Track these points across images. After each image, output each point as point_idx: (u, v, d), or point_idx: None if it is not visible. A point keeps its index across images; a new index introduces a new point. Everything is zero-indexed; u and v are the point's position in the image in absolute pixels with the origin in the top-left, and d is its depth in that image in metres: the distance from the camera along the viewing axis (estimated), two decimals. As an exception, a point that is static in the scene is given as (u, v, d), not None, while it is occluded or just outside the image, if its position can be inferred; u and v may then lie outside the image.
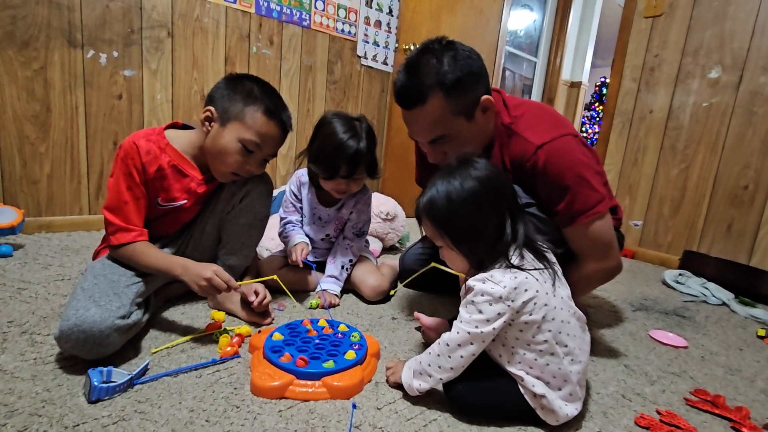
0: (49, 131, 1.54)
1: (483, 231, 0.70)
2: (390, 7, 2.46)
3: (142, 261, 0.90)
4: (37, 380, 0.71)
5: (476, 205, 0.70)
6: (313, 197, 1.27)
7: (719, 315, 1.44)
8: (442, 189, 0.71)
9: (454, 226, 0.71)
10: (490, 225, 0.70)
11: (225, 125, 0.95)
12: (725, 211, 1.89)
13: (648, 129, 2.17)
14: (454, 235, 0.72)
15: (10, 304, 0.97)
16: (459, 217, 0.70)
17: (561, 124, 0.95)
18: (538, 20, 3.71)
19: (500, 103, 0.99)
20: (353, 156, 1.09)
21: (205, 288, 0.85)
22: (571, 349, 0.69)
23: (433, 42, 0.90)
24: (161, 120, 1.77)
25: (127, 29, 1.63)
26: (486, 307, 0.66)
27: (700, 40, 1.97)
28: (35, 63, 1.48)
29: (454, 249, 0.73)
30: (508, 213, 0.71)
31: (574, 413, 0.69)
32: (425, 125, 0.92)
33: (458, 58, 0.87)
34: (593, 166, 0.92)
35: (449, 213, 0.71)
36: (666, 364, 1.01)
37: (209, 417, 0.66)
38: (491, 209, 0.70)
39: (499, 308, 0.66)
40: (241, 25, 1.92)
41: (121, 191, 0.91)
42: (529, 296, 0.66)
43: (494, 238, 0.70)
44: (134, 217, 0.92)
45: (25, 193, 1.53)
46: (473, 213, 0.70)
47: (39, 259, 1.28)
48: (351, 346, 0.85)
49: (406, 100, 0.91)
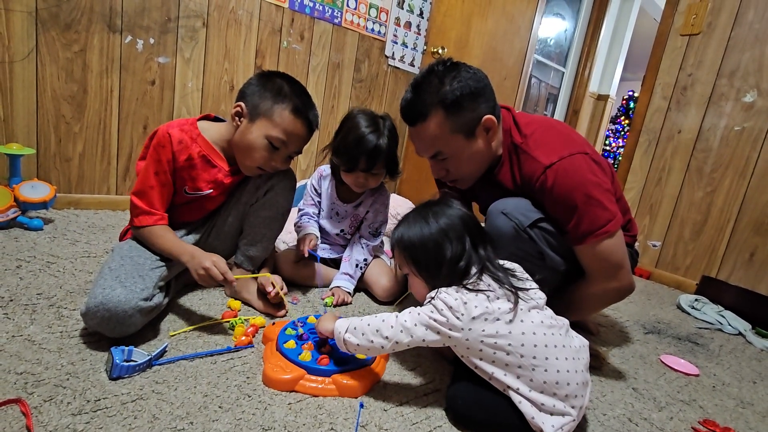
0: (84, 112, 1.60)
1: (442, 260, 0.75)
2: (421, 9, 2.46)
3: (157, 243, 0.93)
4: (62, 353, 0.74)
5: (440, 241, 0.76)
6: (333, 191, 1.31)
7: (734, 345, 1.41)
8: (414, 226, 0.79)
9: (420, 257, 0.78)
10: (451, 254, 0.75)
11: (254, 121, 0.98)
12: (749, 239, 1.85)
13: (675, 149, 2.13)
14: (421, 265, 0.78)
15: (40, 277, 1.02)
16: (424, 250, 0.77)
17: (571, 143, 0.94)
18: (570, 30, 3.66)
19: (510, 122, 1.01)
20: (373, 150, 1.13)
21: (203, 276, 0.88)
22: (540, 360, 0.68)
23: (439, 64, 0.94)
24: (190, 107, 1.81)
25: (165, 17, 1.68)
26: (438, 314, 0.70)
27: (737, 62, 1.92)
28: (76, 45, 1.53)
29: (418, 276, 0.79)
30: (470, 243, 0.76)
31: (558, 425, 0.67)
32: (426, 141, 0.97)
33: (459, 79, 0.91)
34: (603, 183, 0.91)
35: (415, 246, 0.78)
36: (676, 391, 1.00)
37: (222, 403, 0.68)
38: (455, 242, 0.76)
39: (449, 315, 0.69)
40: (274, 19, 1.95)
41: (149, 176, 0.94)
42: (479, 312, 0.69)
43: (454, 265, 0.75)
44: (157, 202, 0.96)
45: (57, 170, 1.59)
46: (436, 248, 0.76)
47: (67, 235, 1.33)
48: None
49: (410, 116, 0.96)
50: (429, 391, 0.82)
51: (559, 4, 3.45)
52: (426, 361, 0.93)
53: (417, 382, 0.84)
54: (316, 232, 1.25)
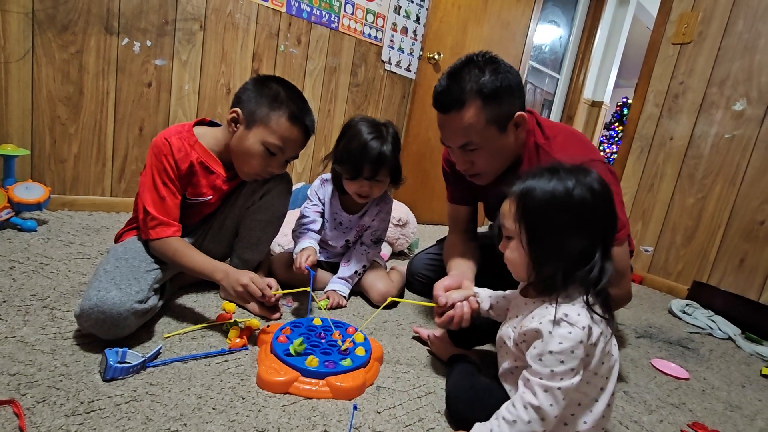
0: (79, 113, 1.59)
1: (570, 249, 0.61)
2: (418, 15, 2.48)
3: (183, 261, 0.92)
4: (56, 354, 0.74)
5: (579, 218, 0.61)
6: (337, 203, 1.28)
7: (724, 349, 1.43)
8: (549, 182, 0.62)
9: (542, 226, 0.62)
10: (581, 248, 0.61)
11: (250, 128, 0.98)
12: (739, 245, 1.87)
13: (667, 156, 2.16)
14: (536, 236, 0.63)
15: (33, 278, 1.01)
16: (554, 219, 0.61)
17: (591, 150, 0.98)
18: (564, 37, 3.70)
19: (534, 123, 1.02)
20: (377, 157, 1.11)
21: (241, 294, 0.88)
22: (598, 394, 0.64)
23: (477, 55, 0.93)
24: (187, 110, 1.82)
25: (162, 20, 1.68)
26: (568, 357, 0.57)
27: (727, 71, 1.95)
28: (72, 47, 1.53)
29: (525, 251, 0.64)
30: (602, 246, 0.62)
31: None
32: (459, 130, 0.94)
33: (499, 71, 0.90)
34: (618, 193, 0.93)
35: (545, 209, 0.62)
36: (666, 394, 1.01)
37: (216, 405, 0.69)
38: (591, 231, 0.61)
39: (581, 353, 0.58)
40: (271, 23, 1.96)
41: (158, 187, 0.94)
42: (596, 336, 0.60)
43: (578, 264, 0.61)
44: (173, 212, 0.95)
45: (52, 171, 1.59)
46: (571, 224, 0.61)
47: (61, 236, 1.33)
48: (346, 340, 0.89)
49: (445, 103, 0.93)
50: (422, 393, 0.82)
51: (554, 11, 3.49)
52: (419, 363, 0.94)
53: (410, 384, 0.85)
54: (315, 246, 1.17)
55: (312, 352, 0.83)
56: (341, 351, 0.86)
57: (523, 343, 0.65)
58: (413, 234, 1.90)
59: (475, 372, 0.83)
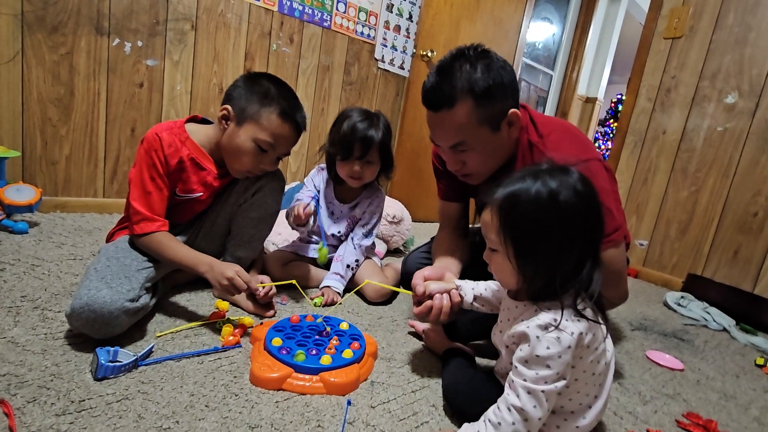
0: (70, 114, 1.58)
1: (560, 259, 0.59)
2: (410, 12, 2.48)
3: (168, 254, 0.92)
4: (46, 354, 0.74)
5: (566, 224, 0.58)
6: (330, 192, 1.33)
7: (719, 340, 1.43)
8: (533, 186, 0.58)
9: (529, 238, 0.59)
10: (571, 255, 0.59)
11: (241, 125, 0.98)
12: (733, 237, 1.88)
13: (660, 149, 2.17)
14: (523, 249, 0.60)
15: (24, 280, 1.00)
16: (540, 229, 0.58)
17: (587, 148, 0.94)
18: (557, 34, 3.71)
19: (527, 119, 0.97)
20: (367, 137, 1.18)
21: (226, 287, 0.88)
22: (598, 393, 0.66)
23: (468, 48, 0.87)
24: (179, 110, 1.81)
25: (153, 20, 1.67)
26: (555, 361, 0.57)
27: (718, 65, 1.96)
28: (62, 48, 1.52)
29: (513, 265, 0.61)
30: (591, 249, 0.60)
31: None
32: (450, 130, 0.89)
33: (492, 68, 0.85)
34: (614, 192, 0.91)
35: (530, 219, 0.59)
36: (661, 386, 1.01)
37: (209, 402, 0.68)
38: (579, 236, 0.58)
39: (569, 358, 0.58)
40: (263, 22, 1.96)
41: (146, 182, 0.93)
42: (588, 340, 0.61)
43: (568, 271, 0.59)
44: (158, 208, 0.95)
45: (43, 173, 1.57)
46: (558, 232, 0.58)
47: (53, 238, 1.32)
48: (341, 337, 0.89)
49: (434, 101, 0.88)
50: (417, 388, 0.82)
51: (547, 8, 3.50)
52: (414, 358, 0.93)
53: (405, 379, 0.85)
54: (312, 202, 1.21)
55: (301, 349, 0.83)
56: (327, 350, 0.85)
57: (513, 345, 0.64)
58: (408, 231, 1.90)
59: (471, 365, 0.83)
